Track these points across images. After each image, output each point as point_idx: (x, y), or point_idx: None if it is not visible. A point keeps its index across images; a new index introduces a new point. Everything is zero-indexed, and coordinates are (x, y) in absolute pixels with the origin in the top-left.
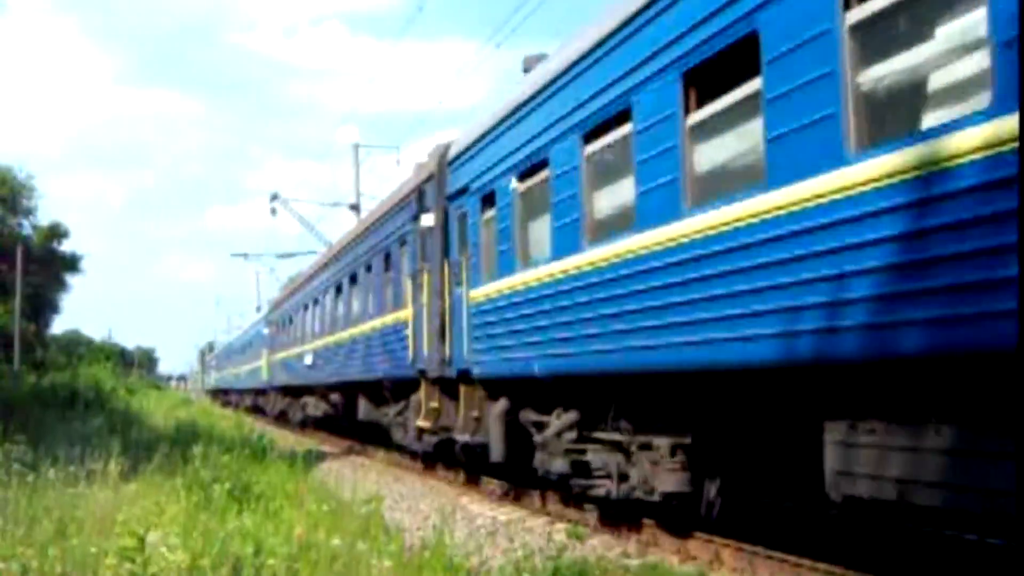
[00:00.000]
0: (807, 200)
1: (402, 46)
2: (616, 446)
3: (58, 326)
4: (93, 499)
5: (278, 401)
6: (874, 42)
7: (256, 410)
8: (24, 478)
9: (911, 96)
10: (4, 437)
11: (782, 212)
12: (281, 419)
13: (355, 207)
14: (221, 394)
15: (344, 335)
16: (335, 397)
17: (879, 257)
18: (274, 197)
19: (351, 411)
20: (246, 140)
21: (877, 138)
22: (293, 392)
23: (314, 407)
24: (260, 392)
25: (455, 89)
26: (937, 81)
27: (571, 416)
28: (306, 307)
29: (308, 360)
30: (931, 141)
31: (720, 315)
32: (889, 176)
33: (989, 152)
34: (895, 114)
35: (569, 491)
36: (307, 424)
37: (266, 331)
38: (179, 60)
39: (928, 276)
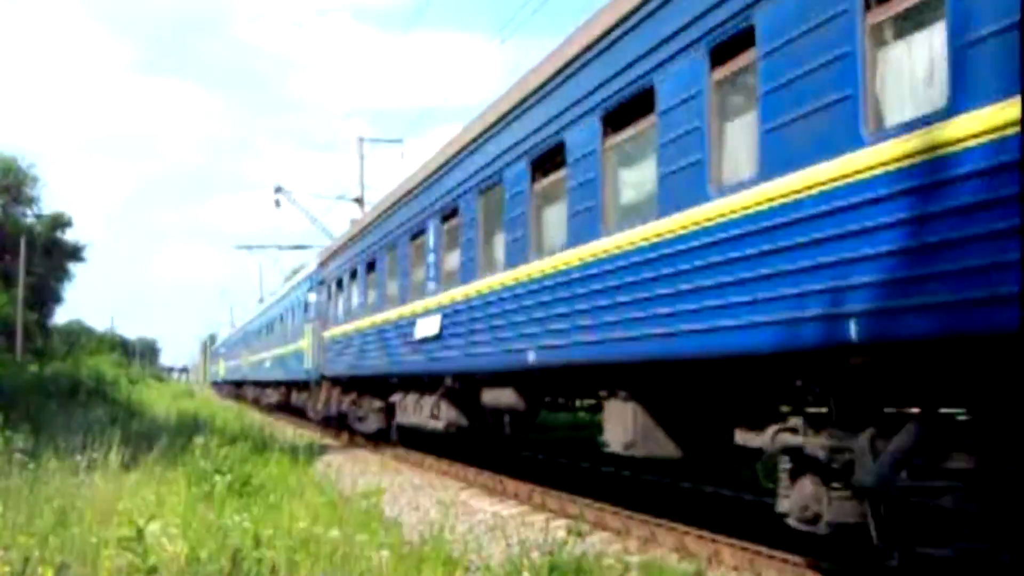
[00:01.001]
0: None
1: (408, 39)
2: None
3: (60, 316)
4: (94, 489)
5: (332, 399)
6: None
7: (286, 410)
8: (25, 467)
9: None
10: (6, 426)
11: None
12: (336, 426)
13: (359, 200)
14: (232, 388)
15: (599, 249)
16: (501, 397)
17: None
18: (278, 189)
19: (530, 421)
20: (251, 131)
21: None
22: (365, 386)
23: (422, 413)
24: (297, 386)
25: (461, 83)
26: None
27: None
28: (416, 234)
29: (426, 329)
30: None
31: None
32: None
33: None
34: None
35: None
36: (389, 437)
37: (312, 297)
38: (185, 51)
39: None
